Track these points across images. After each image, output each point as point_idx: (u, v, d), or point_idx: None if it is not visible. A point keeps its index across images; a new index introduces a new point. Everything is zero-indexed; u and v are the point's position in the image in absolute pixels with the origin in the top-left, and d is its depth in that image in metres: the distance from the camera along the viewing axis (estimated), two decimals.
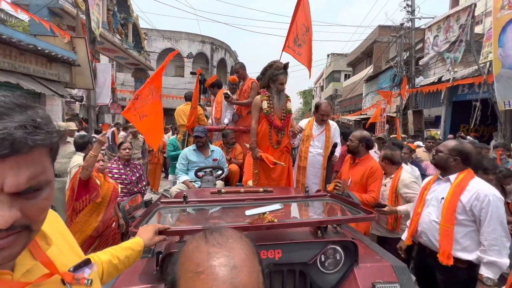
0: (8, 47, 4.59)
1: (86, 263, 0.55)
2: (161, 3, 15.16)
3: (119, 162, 2.89)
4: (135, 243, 0.93)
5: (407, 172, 2.33)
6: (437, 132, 9.88)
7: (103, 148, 2.41)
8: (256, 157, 2.60)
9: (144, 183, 3.05)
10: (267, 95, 2.58)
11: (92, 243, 2.21)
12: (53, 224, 0.58)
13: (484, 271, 1.45)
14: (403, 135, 10.45)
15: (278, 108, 2.58)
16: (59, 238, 0.57)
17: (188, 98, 4.16)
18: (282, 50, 3.20)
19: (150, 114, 2.88)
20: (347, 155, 2.42)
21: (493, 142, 7.34)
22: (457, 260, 1.52)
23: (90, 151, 2.06)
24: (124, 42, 12.30)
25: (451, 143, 1.72)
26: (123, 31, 12.53)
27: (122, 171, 2.85)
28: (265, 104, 2.57)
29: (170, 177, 4.36)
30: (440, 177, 1.75)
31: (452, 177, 1.66)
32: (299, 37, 3.22)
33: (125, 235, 2.66)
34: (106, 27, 10.45)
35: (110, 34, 10.79)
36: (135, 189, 2.88)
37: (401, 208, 2.08)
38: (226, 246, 0.43)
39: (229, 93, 3.64)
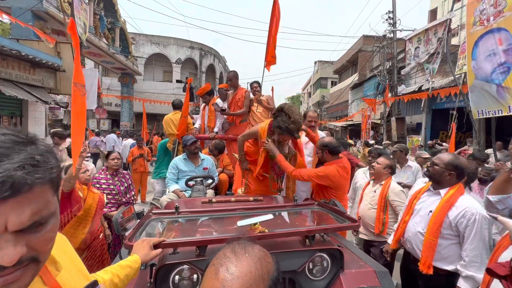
0: None
1: (94, 285, 0.59)
2: (149, 10, 15.09)
3: (107, 172, 2.84)
4: (133, 261, 0.95)
5: (395, 181, 2.43)
6: (418, 138, 10.35)
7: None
8: (246, 168, 2.64)
9: (133, 193, 3.01)
10: (272, 138, 2.33)
11: (80, 256, 2.16)
12: (62, 248, 0.60)
13: (462, 284, 1.54)
14: (386, 142, 10.85)
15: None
16: (67, 261, 0.60)
17: (176, 106, 4.16)
18: (265, 67, 3.29)
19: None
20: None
21: (466, 147, 7.77)
22: (437, 269, 1.62)
23: (76, 163, 2.03)
24: (110, 47, 12.12)
25: (447, 156, 1.72)
26: (110, 35, 12.36)
27: (110, 181, 2.80)
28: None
29: (156, 185, 4.19)
30: (431, 189, 1.78)
31: (443, 191, 1.69)
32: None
33: (111, 247, 2.63)
34: (92, 31, 10.28)
35: (96, 38, 10.62)
36: (124, 200, 2.84)
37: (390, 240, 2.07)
38: (238, 257, 0.52)
39: (219, 105, 3.69)
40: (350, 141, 9.05)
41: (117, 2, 12.72)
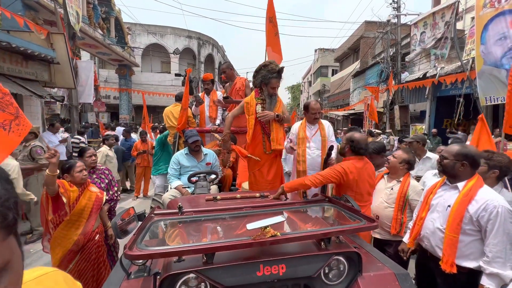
0: None
1: None
2: None
3: None
4: None
5: (414, 178, 2.25)
6: (422, 127, 10.19)
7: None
8: (228, 149, 2.55)
9: (116, 188, 2.83)
10: (261, 98, 2.48)
11: (73, 258, 2.07)
12: None
13: (485, 282, 1.45)
14: (388, 130, 10.68)
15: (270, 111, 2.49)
16: None
17: (178, 99, 4.02)
18: (267, 46, 3.14)
19: None
20: None
21: (470, 137, 7.62)
22: (458, 267, 1.53)
23: (47, 170, 1.89)
24: (106, 37, 11.77)
25: (454, 147, 1.64)
26: (104, 25, 11.99)
27: (89, 179, 2.62)
28: (259, 109, 2.48)
29: (156, 180, 4.06)
30: (448, 182, 1.69)
31: (461, 184, 1.60)
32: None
33: (113, 247, 2.53)
34: (86, 22, 9.93)
35: (91, 29, 10.28)
36: (106, 197, 2.65)
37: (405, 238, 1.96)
38: None
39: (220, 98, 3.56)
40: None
41: None
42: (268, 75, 2.36)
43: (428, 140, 8.23)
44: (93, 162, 2.69)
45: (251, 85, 3.64)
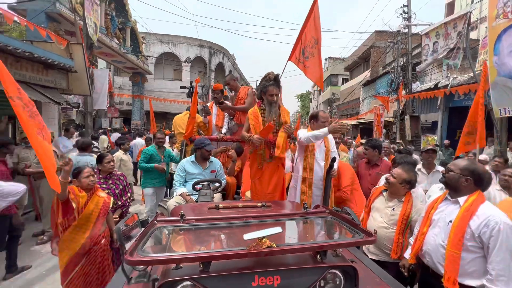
0: (3, 54, 4.53)
1: None
2: (159, 9, 15.19)
3: (100, 176, 2.76)
4: None
5: (418, 198, 2.12)
6: (434, 137, 9.95)
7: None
8: (259, 139, 2.42)
9: (129, 195, 2.92)
10: (262, 108, 2.53)
11: (79, 261, 2.12)
12: None
13: None
14: (399, 141, 10.47)
15: (269, 121, 2.50)
16: None
17: (188, 108, 4.18)
18: (288, 60, 3.15)
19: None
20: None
21: (486, 149, 7.32)
22: (461, 285, 1.50)
23: (59, 177, 1.97)
24: (122, 47, 12.28)
25: (463, 162, 1.64)
26: (121, 35, 12.53)
27: (104, 185, 2.70)
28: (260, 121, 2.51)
29: (145, 190, 4.19)
30: (449, 197, 1.67)
31: (462, 199, 1.58)
32: (307, 49, 3.12)
33: (117, 252, 2.58)
34: (104, 32, 10.43)
35: (108, 38, 10.77)
36: (119, 203, 2.76)
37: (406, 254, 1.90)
38: None
39: (224, 101, 3.67)
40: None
41: (127, 2, 12.87)
42: (265, 84, 2.44)
43: (440, 152, 7.99)
44: (111, 167, 2.80)
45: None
